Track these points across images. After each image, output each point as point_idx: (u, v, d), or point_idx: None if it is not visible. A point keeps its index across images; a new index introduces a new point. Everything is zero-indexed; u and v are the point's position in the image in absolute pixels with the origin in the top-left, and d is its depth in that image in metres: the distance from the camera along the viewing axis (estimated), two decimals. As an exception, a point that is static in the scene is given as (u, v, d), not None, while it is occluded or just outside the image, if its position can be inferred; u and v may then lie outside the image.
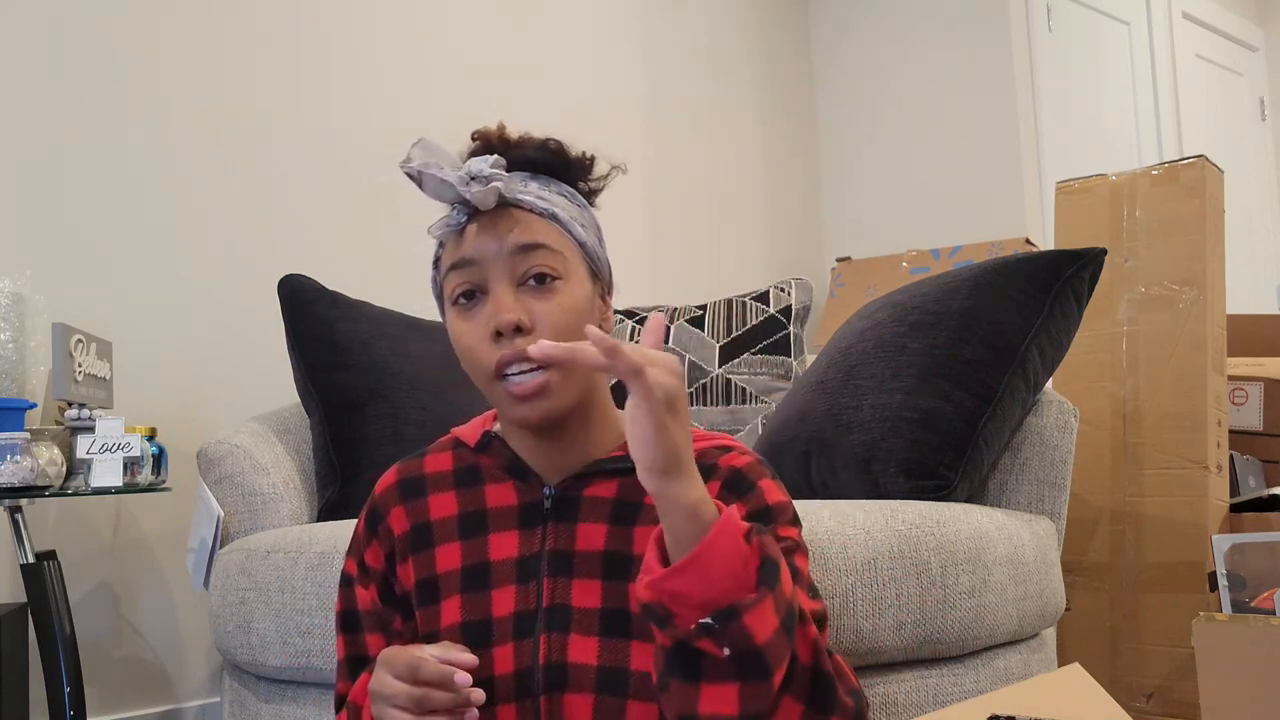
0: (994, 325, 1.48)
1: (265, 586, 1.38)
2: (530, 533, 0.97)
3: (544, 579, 0.95)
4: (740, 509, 0.94)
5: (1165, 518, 1.92)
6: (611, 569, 0.95)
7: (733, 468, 0.97)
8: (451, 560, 0.98)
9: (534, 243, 0.94)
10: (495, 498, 1.00)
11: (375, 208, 2.40)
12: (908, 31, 3.33)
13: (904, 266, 2.92)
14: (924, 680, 1.27)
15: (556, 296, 0.94)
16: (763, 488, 0.96)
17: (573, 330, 0.93)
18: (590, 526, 0.96)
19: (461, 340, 0.95)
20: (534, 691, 0.92)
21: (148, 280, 2.06)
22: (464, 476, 1.01)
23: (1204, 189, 1.99)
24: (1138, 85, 3.61)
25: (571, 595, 0.94)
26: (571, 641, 0.93)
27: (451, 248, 0.96)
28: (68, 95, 1.99)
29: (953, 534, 1.29)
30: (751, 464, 0.98)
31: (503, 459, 1.00)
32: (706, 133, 3.22)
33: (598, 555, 0.95)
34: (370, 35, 2.44)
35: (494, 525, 0.98)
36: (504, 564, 0.97)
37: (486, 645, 0.94)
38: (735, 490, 0.96)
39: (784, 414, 1.64)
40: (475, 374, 0.96)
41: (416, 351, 1.75)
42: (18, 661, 1.62)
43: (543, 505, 0.98)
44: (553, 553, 0.96)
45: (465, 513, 0.99)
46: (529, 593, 0.95)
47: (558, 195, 0.99)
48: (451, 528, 0.99)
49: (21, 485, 1.52)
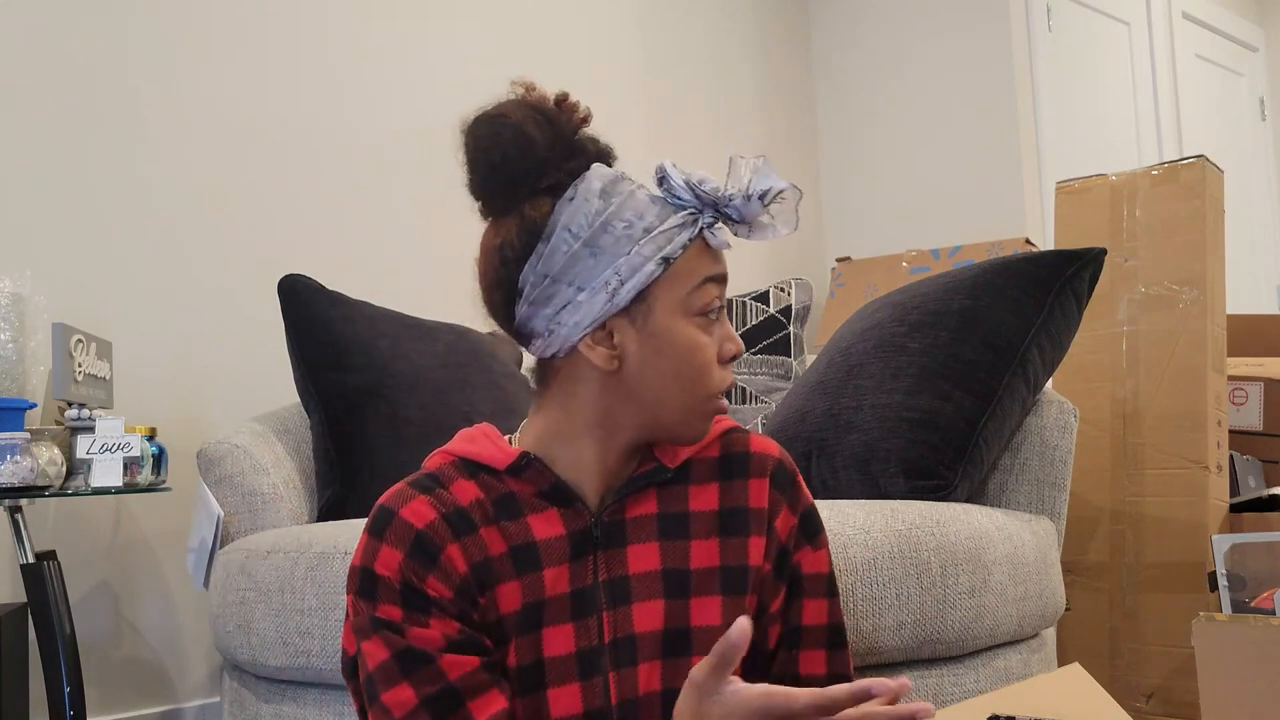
0: (994, 325, 1.48)
1: (265, 586, 1.38)
2: (581, 565, 0.93)
3: (603, 613, 0.92)
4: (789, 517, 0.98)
5: (1165, 518, 1.91)
6: (671, 587, 0.94)
7: (771, 458, 1.00)
8: (513, 600, 0.91)
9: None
10: (541, 529, 0.93)
11: (375, 208, 2.40)
12: (907, 32, 3.33)
13: (904, 266, 2.92)
14: (924, 680, 1.27)
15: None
16: (800, 482, 1.01)
17: None
18: (641, 547, 0.95)
19: (703, 353, 0.92)
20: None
21: (148, 280, 2.06)
22: (503, 508, 0.93)
23: (1204, 189, 1.99)
24: (1138, 85, 3.61)
25: (633, 623, 0.93)
26: (641, 673, 0.92)
27: (712, 259, 0.94)
28: (68, 96, 1.99)
29: (953, 534, 1.29)
30: (783, 456, 1.02)
31: (544, 483, 0.94)
32: (706, 133, 3.22)
33: (655, 574, 0.94)
34: (372, 36, 2.44)
35: (546, 560, 0.92)
36: (558, 600, 0.92)
37: (541, 688, 0.90)
38: (783, 490, 0.99)
39: (784, 414, 1.64)
40: (695, 385, 0.92)
41: (416, 351, 1.75)
42: (18, 661, 1.62)
43: (591, 534, 0.94)
44: (607, 582, 0.93)
45: (515, 547, 0.92)
46: (589, 629, 0.92)
47: None
48: (507, 564, 0.92)
49: (21, 485, 1.52)
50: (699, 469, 0.99)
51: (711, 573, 0.94)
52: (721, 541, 0.96)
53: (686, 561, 0.95)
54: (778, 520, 0.98)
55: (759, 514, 0.97)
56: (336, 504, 1.64)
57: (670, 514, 0.96)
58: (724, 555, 0.96)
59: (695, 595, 0.94)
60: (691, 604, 0.93)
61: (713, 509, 0.97)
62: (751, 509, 0.97)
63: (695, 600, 0.94)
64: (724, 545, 0.96)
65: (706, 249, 0.93)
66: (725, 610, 0.94)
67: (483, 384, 1.79)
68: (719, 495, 0.98)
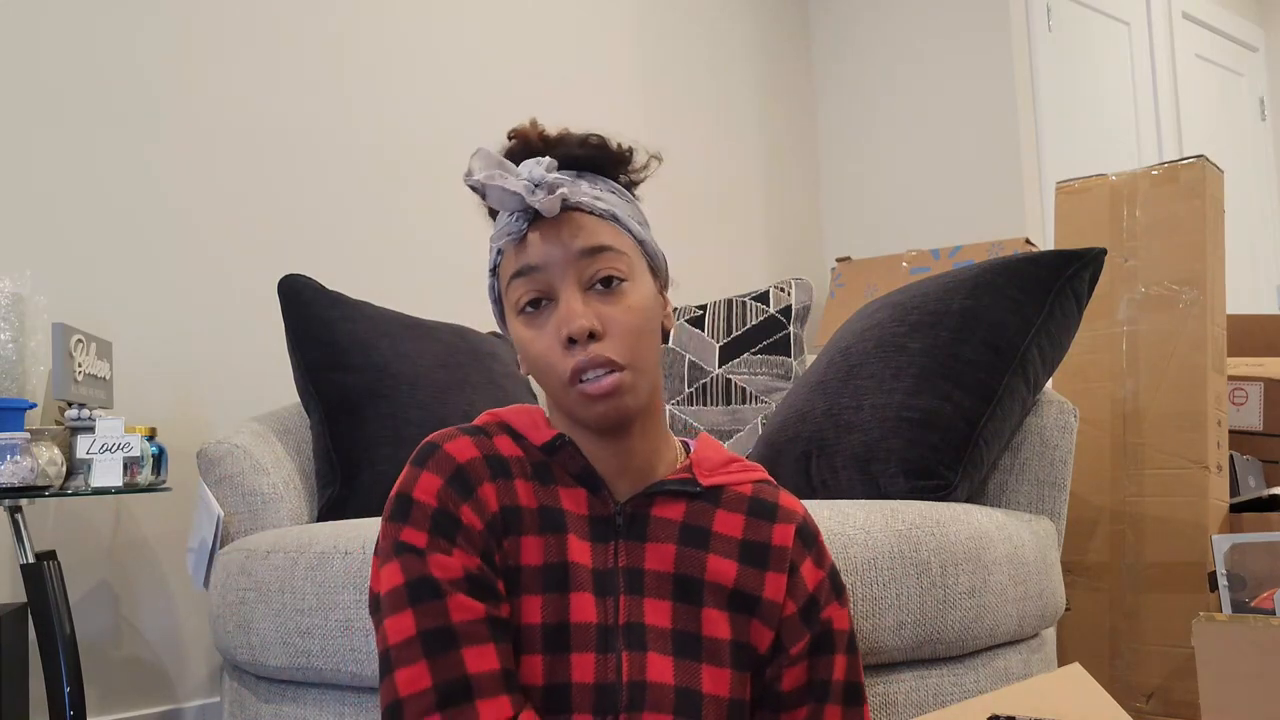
0: (994, 325, 1.48)
1: (265, 586, 1.38)
2: (604, 546, 0.96)
3: (620, 595, 0.94)
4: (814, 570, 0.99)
5: (1165, 518, 1.92)
6: (682, 591, 0.95)
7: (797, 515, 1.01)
8: (534, 554, 0.94)
9: (599, 245, 0.93)
10: (569, 502, 0.97)
11: (376, 208, 2.40)
12: (907, 32, 3.33)
13: (904, 266, 2.92)
14: (924, 680, 1.27)
15: (625, 298, 0.93)
16: (821, 541, 1.02)
17: (643, 331, 0.94)
18: (659, 546, 0.96)
19: (532, 347, 0.94)
20: (616, 708, 0.92)
21: (148, 280, 2.06)
22: (539, 470, 0.98)
23: (1204, 189, 1.99)
24: (1138, 85, 3.61)
25: (645, 614, 0.94)
26: (650, 660, 0.93)
27: (513, 255, 0.94)
28: (69, 96, 1.99)
29: (953, 534, 1.29)
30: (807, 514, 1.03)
31: (576, 466, 0.98)
32: (706, 133, 3.22)
33: (668, 576, 0.96)
34: (374, 38, 2.44)
35: (571, 528, 0.96)
36: (581, 569, 0.95)
37: (566, 650, 0.92)
38: (806, 544, 1.00)
39: (784, 414, 1.64)
40: (547, 379, 0.94)
41: (416, 351, 1.75)
42: (18, 661, 1.62)
43: (614, 521, 0.97)
44: (626, 569, 0.95)
45: (544, 507, 0.96)
46: (607, 607, 0.94)
47: (610, 193, 0.98)
48: (534, 519, 0.95)
49: (21, 485, 1.52)
50: (730, 497, 1.01)
51: (723, 590, 0.96)
52: (740, 567, 0.98)
53: (701, 572, 0.96)
54: (803, 568, 1.00)
55: (780, 552, 0.99)
56: (336, 504, 1.64)
57: (694, 526, 0.97)
58: (740, 579, 0.97)
59: (706, 606, 0.95)
60: (703, 614, 0.95)
61: (736, 536, 0.99)
62: (774, 546, 0.99)
63: (706, 611, 0.95)
64: (741, 571, 0.98)
65: (518, 246, 0.94)
66: (733, 627, 0.96)
67: (483, 384, 1.79)
68: (744, 526, 1.00)
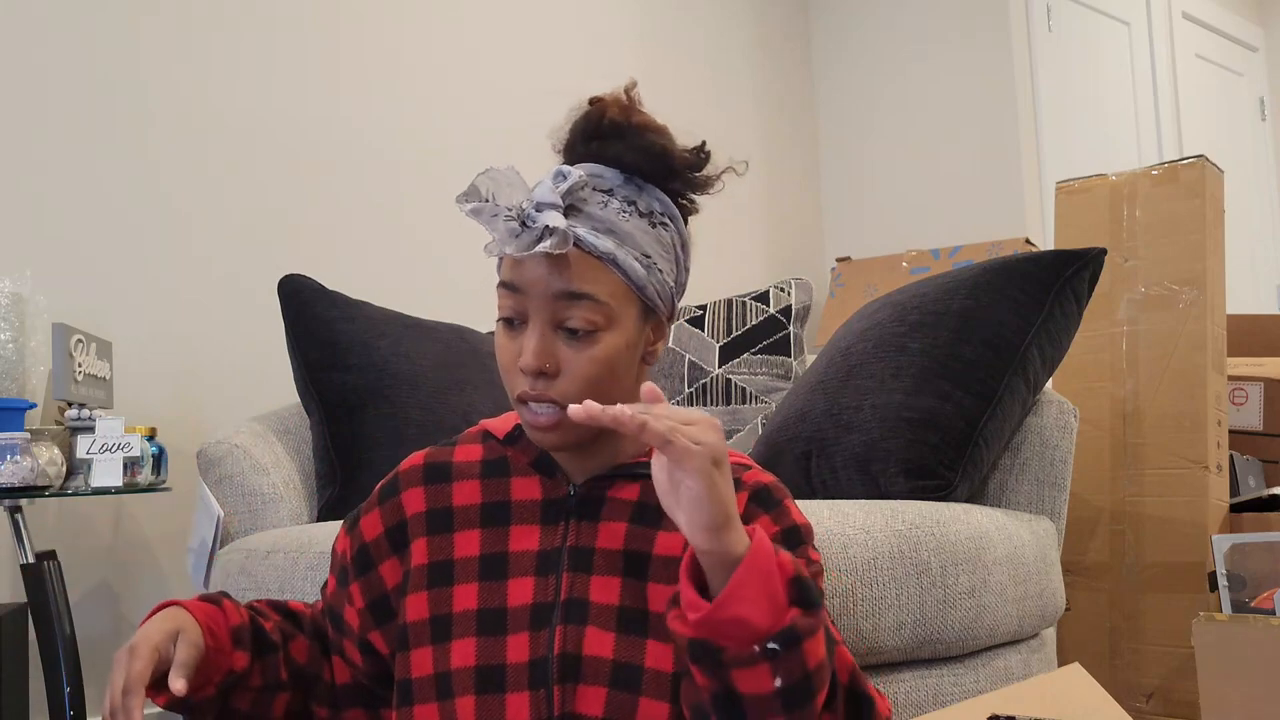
0: (994, 325, 1.48)
1: (265, 586, 1.38)
2: (552, 528, 0.98)
3: (564, 573, 0.96)
4: (769, 525, 0.96)
5: (1165, 518, 1.92)
6: (631, 567, 0.96)
7: (759, 483, 0.99)
8: (470, 547, 0.99)
9: (578, 293, 0.91)
10: (520, 491, 1.01)
11: (376, 208, 2.40)
12: (907, 32, 3.33)
13: (904, 266, 2.92)
14: (924, 680, 1.27)
15: (591, 348, 0.92)
16: (788, 506, 0.99)
17: (600, 381, 0.93)
18: (612, 525, 0.97)
19: (499, 354, 0.96)
20: (547, 681, 0.93)
21: (148, 280, 2.06)
22: (492, 468, 1.02)
23: (1204, 189, 1.99)
24: (1138, 85, 3.61)
25: (590, 590, 0.95)
26: (588, 634, 0.94)
27: (507, 263, 0.94)
28: (69, 96, 1.99)
29: (953, 534, 1.29)
30: (775, 483, 1.00)
31: (532, 454, 1.01)
32: (706, 133, 3.21)
33: (618, 553, 0.96)
34: (375, 38, 2.44)
35: (517, 518, 1.00)
36: (523, 556, 0.98)
37: (501, 633, 0.95)
38: (762, 505, 0.97)
39: (784, 414, 1.64)
40: (505, 387, 0.97)
41: (416, 351, 1.75)
42: (18, 661, 1.62)
43: (567, 501, 0.99)
44: (573, 549, 0.97)
45: (489, 503, 1.01)
46: (548, 585, 0.96)
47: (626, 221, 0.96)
48: (473, 515, 1.00)
49: (21, 485, 1.52)
50: None
51: (673, 561, 0.96)
52: None
53: (650, 547, 0.96)
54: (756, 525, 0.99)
55: None
56: (336, 504, 1.64)
57: (649, 504, 0.97)
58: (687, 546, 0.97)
59: (653, 580, 0.95)
60: (649, 588, 0.95)
61: None
62: None
63: (652, 585, 0.95)
64: None
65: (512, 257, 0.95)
66: None
67: (483, 384, 1.79)
68: None
